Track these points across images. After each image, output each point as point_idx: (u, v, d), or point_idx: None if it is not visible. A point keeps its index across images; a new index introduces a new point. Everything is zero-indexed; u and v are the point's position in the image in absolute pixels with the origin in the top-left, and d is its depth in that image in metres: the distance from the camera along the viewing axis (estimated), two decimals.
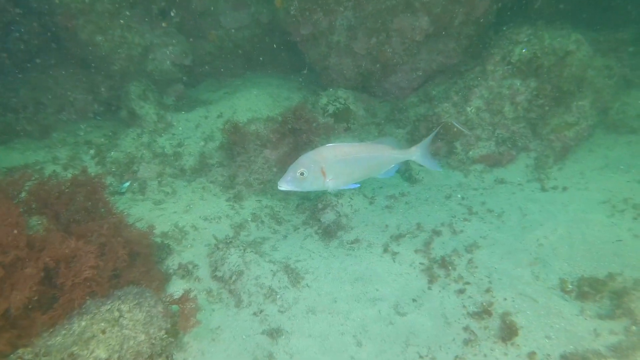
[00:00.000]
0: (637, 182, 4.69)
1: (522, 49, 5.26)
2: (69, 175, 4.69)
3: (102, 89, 6.24)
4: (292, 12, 5.80)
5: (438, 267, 3.79)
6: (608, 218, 4.31)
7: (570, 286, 3.54)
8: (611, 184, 4.79)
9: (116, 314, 2.70)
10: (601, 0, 7.08)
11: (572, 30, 5.42)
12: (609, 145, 5.45)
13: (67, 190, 3.37)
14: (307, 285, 3.64)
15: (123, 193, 4.72)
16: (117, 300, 2.79)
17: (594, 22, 6.89)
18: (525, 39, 5.37)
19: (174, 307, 3.16)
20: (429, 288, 3.62)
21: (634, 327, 3.03)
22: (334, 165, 3.43)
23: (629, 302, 3.14)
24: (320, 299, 3.53)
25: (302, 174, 3.32)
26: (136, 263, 3.34)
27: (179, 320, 3.06)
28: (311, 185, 3.41)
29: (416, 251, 3.97)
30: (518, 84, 5.26)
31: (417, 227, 4.28)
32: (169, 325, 2.90)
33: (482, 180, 5.13)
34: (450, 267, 3.78)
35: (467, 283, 3.63)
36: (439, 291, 3.58)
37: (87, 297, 2.83)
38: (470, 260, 3.84)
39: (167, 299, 3.10)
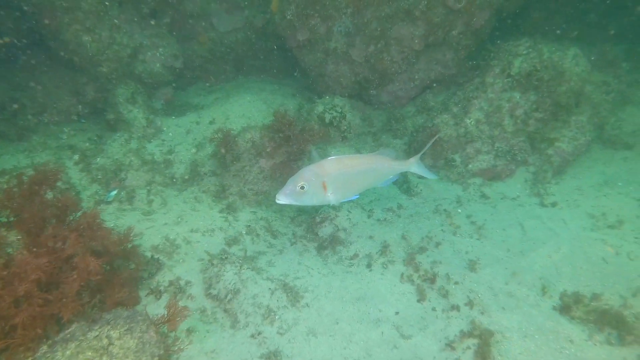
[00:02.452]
0: (636, 199, 4.65)
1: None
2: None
3: (88, 91, 5.95)
4: (288, 17, 5.63)
5: (441, 285, 3.66)
6: (607, 237, 4.25)
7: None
8: (610, 201, 4.74)
9: (105, 341, 2.49)
10: (585, 17, 7.15)
11: (571, 44, 5.39)
12: (606, 161, 5.42)
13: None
14: (307, 305, 3.47)
15: (110, 202, 4.47)
16: (106, 326, 2.58)
17: (584, 38, 6.95)
18: (525, 52, 5.31)
19: (164, 327, 2.96)
20: (433, 309, 3.48)
21: None
22: (335, 179, 3.31)
23: None
24: (321, 320, 3.36)
25: (302, 187, 3.18)
26: (116, 279, 3.09)
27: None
28: (311, 199, 3.28)
29: (417, 268, 3.83)
30: (518, 97, 5.19)
31: (417, 243, 4.15)
32: (162, 352, 2.70)
33: (481, 194, 5.03)
34: (453, 286, 3.66)
35: (471, 303, 3.50)
36: (443, 311, 3.45)
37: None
38: (473, 279, 3.73)
39: (161, 321, 2.89)
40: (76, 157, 5.12)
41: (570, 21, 7.13)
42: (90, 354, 2.43)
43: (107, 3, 5.46)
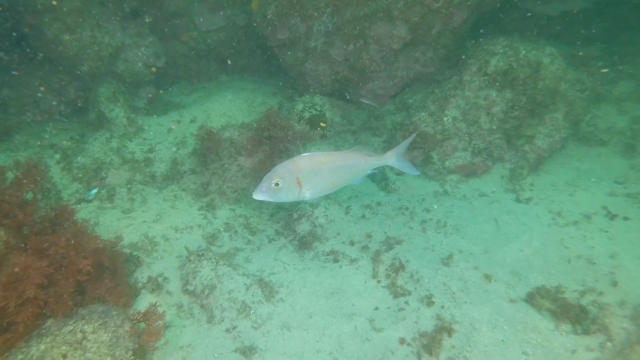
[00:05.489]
0: (608, 194, 4.77)
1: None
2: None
3: (70, 90, 5.97)
4: (269, 16, 5.69)
5: (414, 279, 3.75)
6: (580, 231, 4.36)
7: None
8: (583, 196, 4.86)
9: (79, 335, 2.54)
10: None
11: (547, 43, 5.49)
12: (580, 157, 5.54)
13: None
14: (282, 300, 3.54)
15: (90, 200, 4.51)
16: (81, 320, 2.63)
17: (564, 37, 7.08)
18: (501, 50, 5.41)
19: (141, 324, 3.01)
20: (406, 302, 3.57)
21: (609, 344, 3.05)
22: (309, 175, 3.35)
23: (604, 317, 3.17)
24: (295, 314, 3.43)
25: (277, 184, 3.22)
26: (103, 277, 3.16)
27: (143, 335, 2.89)
28: (286, 196, 3.31)
29: (392, 264, 3.92)
30: (494, 95, 5.30)
31: (393, 239, 4.23)
32: (136, 346, 2.76)
33: (458, 190, 5.13)
34: (426, 280, 3.75)
35: (443, 297, 3.59)
36: (416, 305, 3.53)
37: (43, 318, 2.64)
38: (446, 273, 3.82)
39: (136, 317, 2.95)
40: (58, 156, 5.14)
41: (548, 20, 7.26)
42: (64, 348, 2.48)
43: (87, 3, 5.46)
